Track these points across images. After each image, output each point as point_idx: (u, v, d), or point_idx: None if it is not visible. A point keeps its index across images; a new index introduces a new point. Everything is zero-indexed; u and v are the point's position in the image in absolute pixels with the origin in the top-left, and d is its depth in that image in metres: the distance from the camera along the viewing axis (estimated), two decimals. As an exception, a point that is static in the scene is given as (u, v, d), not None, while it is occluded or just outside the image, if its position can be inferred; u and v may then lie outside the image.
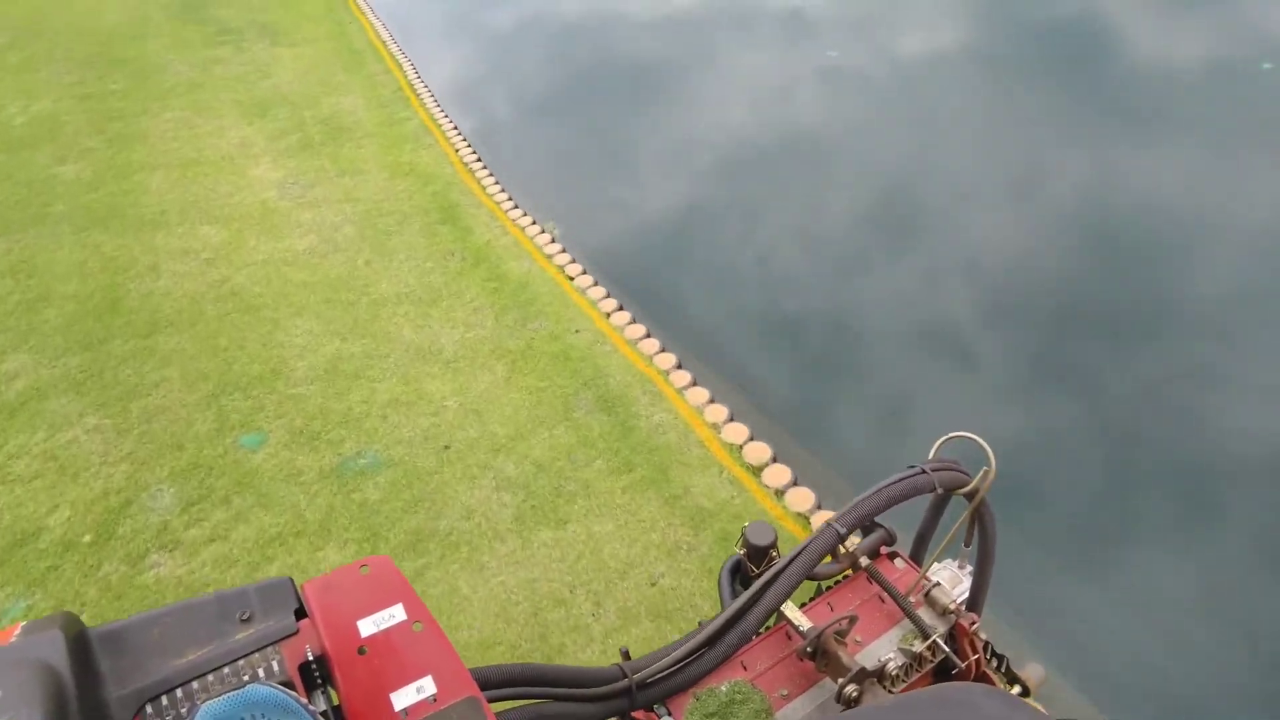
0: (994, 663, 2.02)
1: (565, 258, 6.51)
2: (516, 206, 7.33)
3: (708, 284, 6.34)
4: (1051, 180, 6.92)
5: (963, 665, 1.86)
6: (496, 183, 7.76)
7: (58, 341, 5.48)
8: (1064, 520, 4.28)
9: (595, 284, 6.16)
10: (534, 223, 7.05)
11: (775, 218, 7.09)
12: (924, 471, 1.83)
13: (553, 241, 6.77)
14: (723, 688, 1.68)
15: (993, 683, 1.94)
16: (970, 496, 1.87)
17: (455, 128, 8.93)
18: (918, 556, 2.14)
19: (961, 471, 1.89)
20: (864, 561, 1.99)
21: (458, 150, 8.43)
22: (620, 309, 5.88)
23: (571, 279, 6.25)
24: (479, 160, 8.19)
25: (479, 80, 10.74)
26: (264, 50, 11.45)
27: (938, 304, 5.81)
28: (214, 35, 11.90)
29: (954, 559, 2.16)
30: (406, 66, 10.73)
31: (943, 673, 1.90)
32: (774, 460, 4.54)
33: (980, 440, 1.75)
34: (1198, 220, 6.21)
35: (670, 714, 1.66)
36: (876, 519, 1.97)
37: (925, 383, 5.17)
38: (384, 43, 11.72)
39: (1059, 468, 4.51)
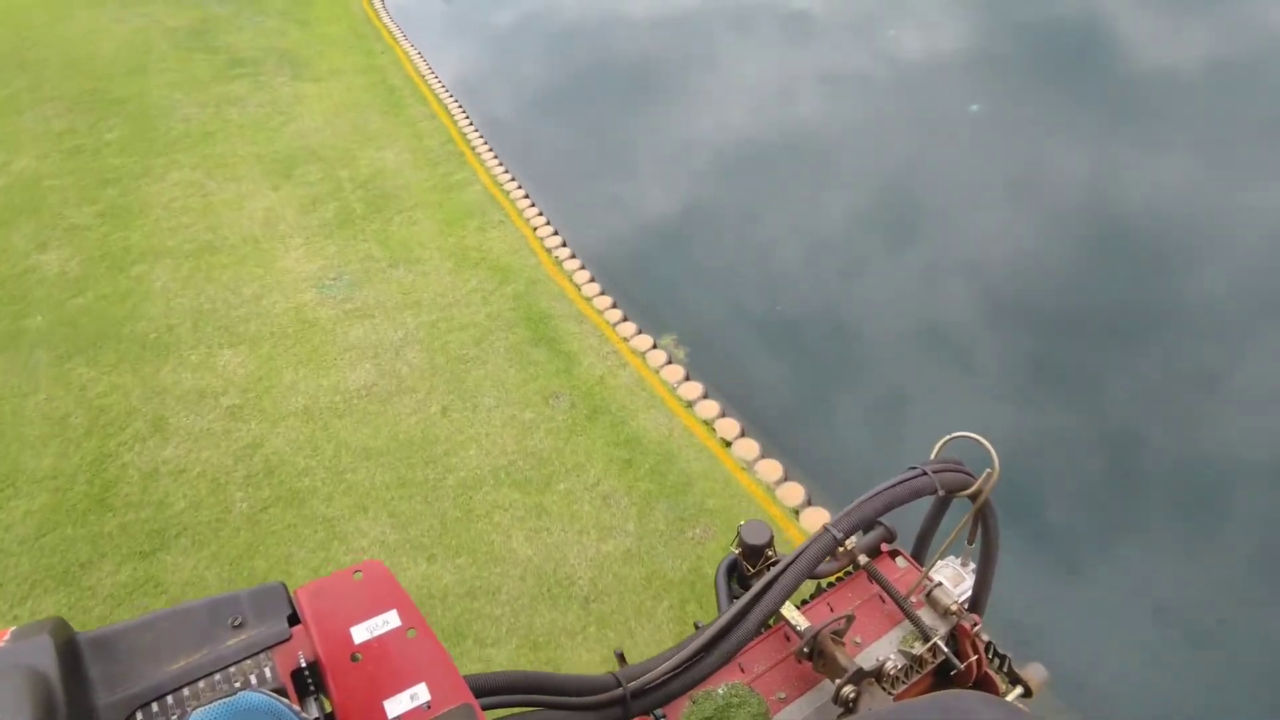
0: (996, 662, 1.94)
1: (711, 407, 4.85)
2: (627, 319, 5.67)
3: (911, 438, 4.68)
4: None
5: (962, 667, 1.82)
6: (593, 279, 6.11)
7: (23, 566, 3.83)
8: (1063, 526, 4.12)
9: (764, 454, 4.51)
10: (655, 345, 5.40)
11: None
12: (925, 473, 1.75)
13: (687, 379, 5.11)
14: (720, 690, 1.67)
15: (994, 684, 1.88)
16: (973, 498, 1.79)
17: (528, 196, 7.28)
18: (920, 556, 2.06)
19: (964, 472, 1.81)
20: (863, 560, 1.92)
21: (535, 230, 6.77)
22: (810, 502, 4.23)
23: (729, 444, 4.60)
24: (565, 246, 6.53)
25: (547, 128, 9.06)
26: (285, 86, 9.83)
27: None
28: (226, 67, 10.27)
29: (956, 557, 2.06)
30: (455, 109, 9.08)
31: (944, 673, 1.85)
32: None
33: (983, 440, 1.67)
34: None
35: (666, 718, 1.64)
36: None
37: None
38: (423, 77, 10.08)
39: (1070, 470, 4.36)
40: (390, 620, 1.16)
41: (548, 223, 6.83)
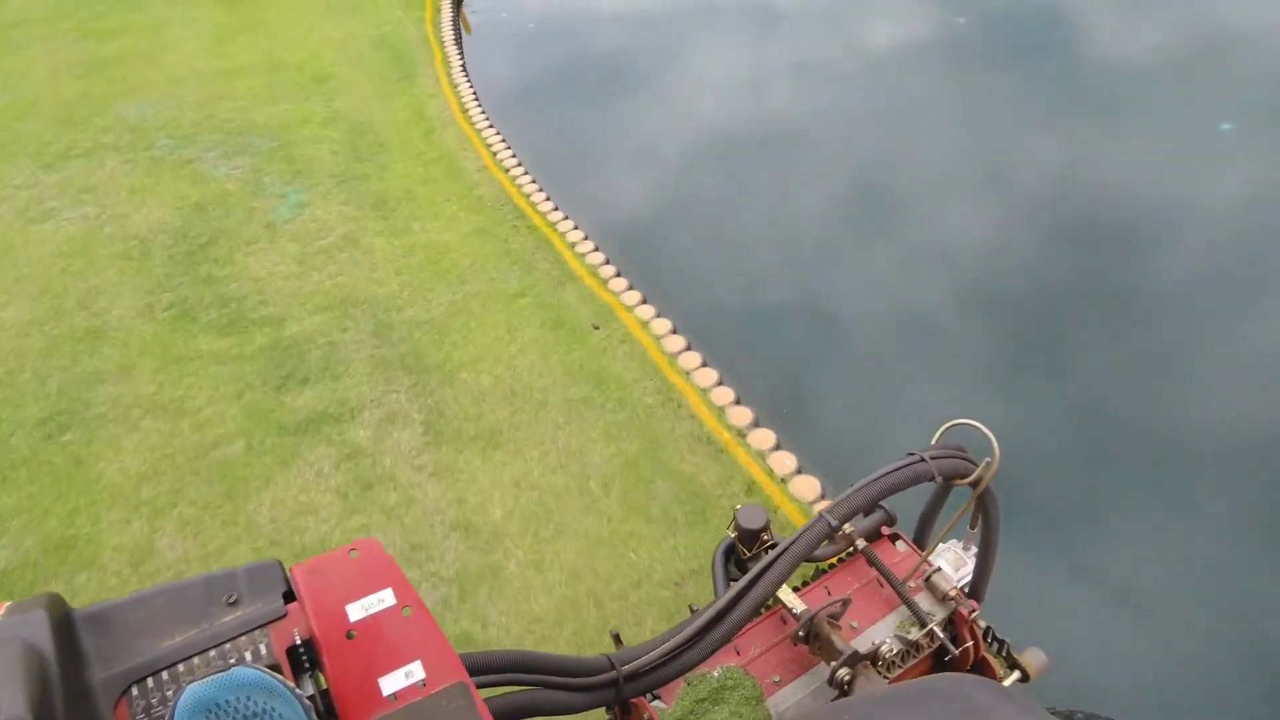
0: (994, 648, 1.94)
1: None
2: None
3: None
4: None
5: (956, 652, 1.83)
6: None
7: None
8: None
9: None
10: None
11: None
12: (924, 459, 1.75)
13: None
14: (715, 673, 1.72)
15: (991, 669, 1.90)
16: (973, 486, 1.79)
17: None
18: (921, 539, 2.08)
19: (965, 459, 1.78)
20: (861, 544, 1.93)
21: None
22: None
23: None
24: None
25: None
26: (429, 481, 4.08)
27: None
28: (270, 387, 4.57)
29: (959, 540, 2.10)
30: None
31: (942, 657, 1.86)
32: None
33: (983, 428, 1.67)
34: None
35: (660, 699, 1.70)
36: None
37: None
38: (745, 439, 4.20)
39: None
40: (385, 598, 1.16)
41: None
